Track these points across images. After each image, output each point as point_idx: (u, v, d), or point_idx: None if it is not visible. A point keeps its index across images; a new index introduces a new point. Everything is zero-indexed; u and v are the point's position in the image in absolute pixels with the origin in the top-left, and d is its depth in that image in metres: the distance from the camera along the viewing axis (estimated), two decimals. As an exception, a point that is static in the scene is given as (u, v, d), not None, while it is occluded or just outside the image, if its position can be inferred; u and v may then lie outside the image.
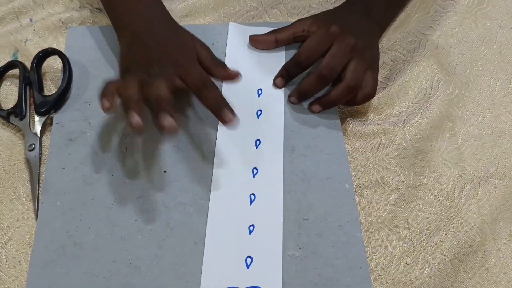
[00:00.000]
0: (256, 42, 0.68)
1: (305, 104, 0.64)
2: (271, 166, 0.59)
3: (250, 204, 0.56)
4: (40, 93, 0.61)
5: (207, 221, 0.54)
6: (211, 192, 0.56)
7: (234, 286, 0.51)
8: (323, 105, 0.63)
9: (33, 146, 0.58)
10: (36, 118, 0.60)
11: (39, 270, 0.51)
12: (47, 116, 0.60)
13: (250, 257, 0.53)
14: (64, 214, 0.54)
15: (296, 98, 0.64)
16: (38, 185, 0.56)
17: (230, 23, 0.71)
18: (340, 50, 0.61)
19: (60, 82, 0.62)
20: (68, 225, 0.53)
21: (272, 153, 0.60)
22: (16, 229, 0.54)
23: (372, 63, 0.63)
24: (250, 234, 0.54)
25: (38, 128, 0.60)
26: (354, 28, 0.63)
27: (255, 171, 0.58)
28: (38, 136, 0.59)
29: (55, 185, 0.56)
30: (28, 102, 0.61)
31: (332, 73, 0.61)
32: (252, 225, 0.54)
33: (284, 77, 0.64)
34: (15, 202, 0.56)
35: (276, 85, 0.65)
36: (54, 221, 0.54)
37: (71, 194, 0.55)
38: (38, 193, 0.56)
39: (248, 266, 0.52)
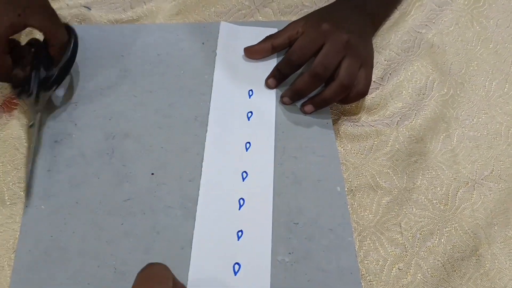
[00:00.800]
0: (252, 53, 0.66)
1: (298, 104, 0.63)
2: (261, 170, 0.58)
3: (239, 209, 0.55)
4: (46, 69, 0.59)
5: (194, 226, 0.53)
6: (199, 196, 0.55)
7: None
8: (316, 105, 0.61)
9: (32, 122, 0.57)
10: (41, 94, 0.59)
11: (23, 275, 0.50)
12: (50, 90, 0.58)
13: (238, 263, 0.51)
14: (49, 218, 0.53)
15: (290, 98, 0.62)
16: (33, 158, 0.56)
17: (222, 22, 0.69)
18: (333, 48, 0.60)
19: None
20: (52, 229, 0.52)
21: (263, 157, 0.59)
22: (0, 234, 0.53)
23: (365, 60, 0.61)
24: (238, 240, 0.53)
25: (41, 104, 0.58)
26: (346, 24, 0.62)
27: (244, 174, 0.57)
28: (40, 112, 0.58)
29: (39, 188, 0.54)
30: (36, 79, 0.59)
31: (326, 71, 0.60)
32: (241, 231, 0.53)
33: (276, 78, 0.63)
34: (-1, 206, 0.55)
35: (268, 85, 0.64)
36: (38, 225, 0.52)
37: (56, 197, 0.54)
38: (32, 167, 0.55)
39: (235, 273, 0.51)
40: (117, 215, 0.54)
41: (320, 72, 0.60)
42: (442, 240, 0.57)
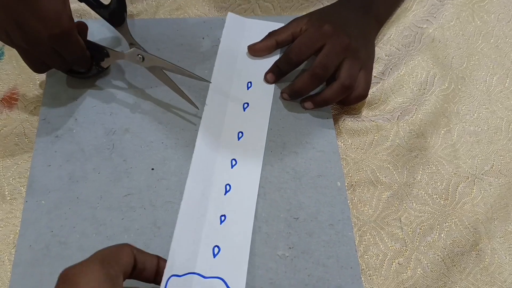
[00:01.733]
0: (257, 51, 0.66)
1: (299, 100, 0.63)
2: (250, 159, 0.58)
3: (225, 194, 0.55)
4: (98, 4, 0.61)
5: (180, 206, 0.53)
6: (187, 178, 0.55)
7: (198, 273, 0.49)
8: (316, 103, 0.61)
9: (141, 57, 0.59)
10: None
11: (23, 270, 0.50)
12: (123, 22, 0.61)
13: (217, 246, 0.51)
14: (49, 213, 0.53)
15: (289, 95, 0.62)
16: None
17: (229, 13, 0.69)
18: (333, 49, 0.60)
19: None
20: (53, 224, 0.52)
21: (253, 147, 0.59)
22: (1, 229, 0.53)
23: (365, 63, 0.62)
24: (220, 224, 0.53)
25: (126, 35, 0.61)
26: (348, 26, 0.62)
27: (233, 162, 0.57)
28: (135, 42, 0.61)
29: (40, 183, 0.54)
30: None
31: (325, 71, 0.60)
32: (224, 215, 0.53)
33: (275, 73, 0.63)
34: (0, 202, 0.54)
35: (267, 80, 0.64)
36: (38, 220, 0.52)
37: (57, 192, 0.54)
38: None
39: (215, 256, 0.51)
40: (117, 210, 0.54)
41: (320, 72, 0.60)
42: (442, 235, 0.57)
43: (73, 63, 0.58)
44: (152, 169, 0.57)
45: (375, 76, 0.67)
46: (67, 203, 0.54)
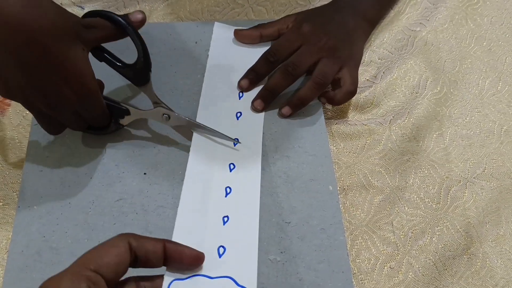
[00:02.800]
0: (241, 37, 0.67)
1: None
2: (248, 165, 0.58)
3: (225, 196, 0.55)
4: (122, 64, 0.55)
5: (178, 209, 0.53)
6: (183, 183, 0.55)
7: (204, 274, 0.49)
8: (292, 105, 0.62)
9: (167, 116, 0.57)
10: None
11: (15, 275, 0.50)
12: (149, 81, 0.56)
13: (222, 246, 0.51)
14: (41, 218, 0.53)
15: (262, 96, 0.62)
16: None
17: (216, 22, 0.69)
18: (307, 49, 0.61)
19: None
20: (44, 229, 0.52)
21: (250, 155, 0.58)
22: (-7, 234, 0.53)
23: (347, 61, 0.62)
24: (224, 224, 0.53)
25: (151, 94, 0.56)
26: (331, 26, 0.62)
27: (232, 166, 0.57)
28: (159, 101, 0.56)
29: (32, 189, 0.55)
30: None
31: (295, 69, 0.60)
32: (227, 216, 0.53)
33: (249, 78, 0.63)
34: (-8, 207, 0.55)
35: (240, 86, 0.63)
36: (30, 225, 0.52)
37: (48, 197, 0.54)
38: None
39: (220, 256, 0.51)
40: (109, 215, 0.54)
41: (290, 70, 0.61)
42: (434, 239, 0.57)
43: (92, 122, 0.54)
44: (145, 173, 0.57)
45: (367, 80, 0.67)
46: (59, 208, 0.54)
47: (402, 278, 0.55)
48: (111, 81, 0.61)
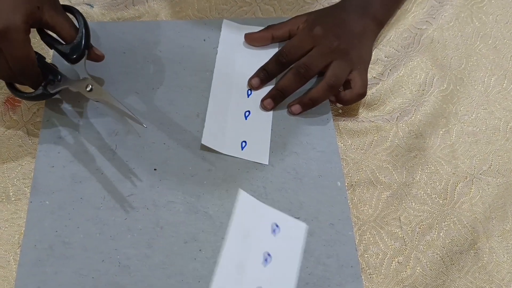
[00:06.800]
0: (252, 40, 0.67)
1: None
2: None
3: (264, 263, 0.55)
4: (60, 44, 0.57)
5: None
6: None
7: None
8: (303, 105, 0.62)
9: (90, 86, 0.57)
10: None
11: (28, 270, 0.51)
12: (83, 58, 0.57)
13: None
14: (53, 213, 0.54)
15: (273, 96, 0.63)
16: None
17: (224, 20, 0.70)
18: (318, 51, 0.61)
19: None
20: (57, 224, 0.53)
21: (257, 156, 0.59)
22: (6, 229, 0.54)
23: (357, 64, 0.62)
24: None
25: (82, 70, 0.57)
26: (341, 28, 0.63)
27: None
28: (88, 76, 0.57)
29: (44, 184, 0.55)
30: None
31: (307, 71, 0.61)
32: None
33: (260, 77, 0.64)
34: (4, 202, 0.55)
35: (251, 85, 0.64)
36: (43, 220, 0.53)
37: (60, 193, 0.55)
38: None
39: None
40: (120, 210, 0.54)
41: (302, 72, 0.61)
42: (441, 234, 0.58)
43: (20, 74, 0.52)
44: (155, 169, 0.57)
45: (374, 77, 0.68)
46: (70, 204, 0.54)
47: (410, 272, 0.55)
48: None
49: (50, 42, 0.57)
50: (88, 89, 0.57)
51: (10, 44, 0.49)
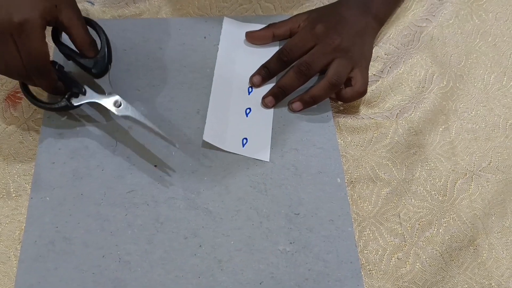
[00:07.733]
0: (253, 39, 0.68)
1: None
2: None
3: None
4: (83, 58, 0.56)
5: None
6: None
7: None
8: (304, 102, 0.63)
9: (119, 102, 0.57)
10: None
11: (29, 265, 0.51)
12: (107, 73, 0.58)
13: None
14: (54, 209, 0.54)
15: (274, 93, 0.63)
16: None
17: (225, 17, 0.70)
18: (320, 49, 0.62)
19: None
20: (57, 220, 0.53)
21: (258, 153, 0.59)
22: (6, 225, 0.54)
23: (359, 62, 0.63)
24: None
25: (106, 85, 0.58)
26: (343, 26, 0.63)
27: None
28: (113, 91, 0.58)
29: (44, 180, 0.55)
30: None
31: (308, 69, 0.61)
32: None
33: (261, 75, 0.64)
34: (5, 198, 0.55)
35: (252, 83, 0.64)
36: (43, 216, 0.53)
37: (61, 189, 0.55)
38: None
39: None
40: (121, 207, 0.55)
41: (303, 70, 0.61)
42: (440, 230, 0.58)
43: (32, 71, 0.51)
44: (155, 165, 0.57)
45: (374, 75, 0.68)
46: (71, 200, 0.55)
47: (410, 268, 0.55)
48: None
49: (69, 54, 0.57)
50: (116, 105, 0.57)
51: (26, 38, 0.49)
